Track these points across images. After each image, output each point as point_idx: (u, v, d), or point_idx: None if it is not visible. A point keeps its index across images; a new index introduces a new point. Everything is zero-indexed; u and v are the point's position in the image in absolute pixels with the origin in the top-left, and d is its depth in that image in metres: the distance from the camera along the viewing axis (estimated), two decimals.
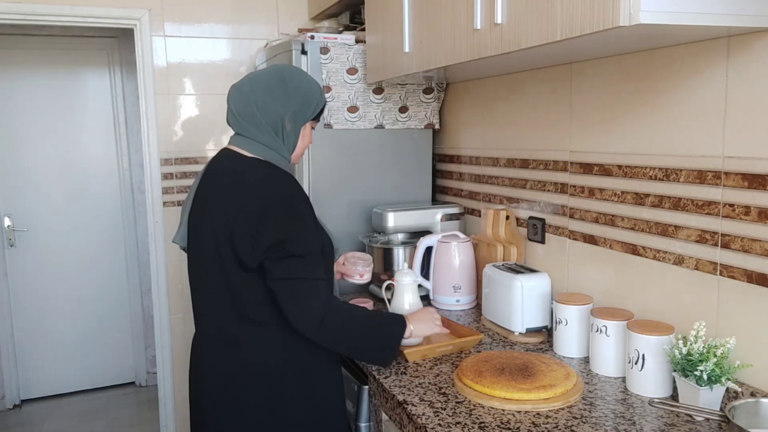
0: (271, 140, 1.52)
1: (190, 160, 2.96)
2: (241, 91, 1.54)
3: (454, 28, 1.69)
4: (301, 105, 1.54)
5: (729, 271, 1.40)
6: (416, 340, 1.71)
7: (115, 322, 4.15)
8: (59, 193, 3.95)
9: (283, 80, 1.53)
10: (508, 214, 2.15)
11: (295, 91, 1.53)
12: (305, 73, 1.61)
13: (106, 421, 3.74)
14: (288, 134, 1.55)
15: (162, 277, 2.99)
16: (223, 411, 1.53)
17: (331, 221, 2.38)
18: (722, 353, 1.30)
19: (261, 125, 1.52)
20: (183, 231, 1.61)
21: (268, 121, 1.51)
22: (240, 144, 1.55)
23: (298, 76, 1.57)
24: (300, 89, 1.54)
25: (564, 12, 1.26)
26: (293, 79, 1.55)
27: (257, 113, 1.51)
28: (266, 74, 1.56)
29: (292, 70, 1.59)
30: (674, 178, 1.52)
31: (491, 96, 2.27)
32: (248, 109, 1.51)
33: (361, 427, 1.73)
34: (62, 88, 3.90)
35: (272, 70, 1.58)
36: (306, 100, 1.55)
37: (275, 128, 1.52)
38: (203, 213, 1.54)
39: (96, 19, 2.77)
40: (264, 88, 1.52)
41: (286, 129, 1.54)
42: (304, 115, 1.56)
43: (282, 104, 1.52)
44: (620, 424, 1.31)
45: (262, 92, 1.52)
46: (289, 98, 1.52)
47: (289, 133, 1.55)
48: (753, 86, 1.32)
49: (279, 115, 1.52)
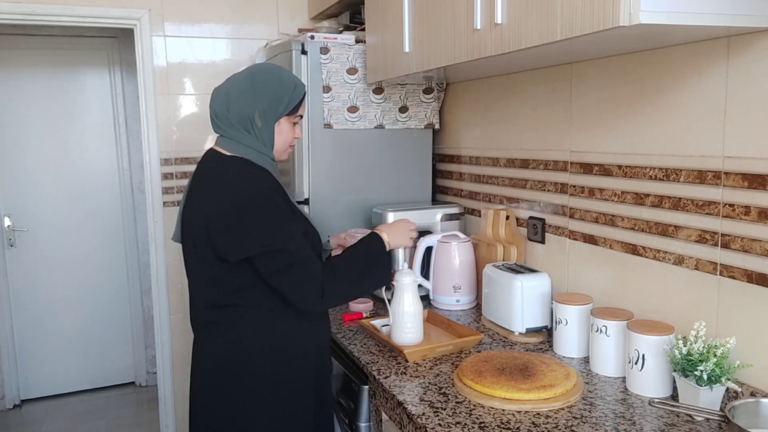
0: (244, 138, 1.58)
1: (190, 160, 2.96)
2: (218, 93, 1.62)
3: (454, 28, 1.69)
4: (271, 102, 1.58)
5: (729, 271, 1.40)
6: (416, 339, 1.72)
7: (115, 322, 4.15)
8: (59, 193, 3.95)
9: (252, 80, 1.59)
10: (508, 214, 2.15)
11: (263, 89, 1.58)
12: (279, 71, 1.65)
13: (106, 421, 3.74)
14: (261, 131, 1.59)
15: (162, 277, 2.98)
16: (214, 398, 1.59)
17: (331, 221, 2.38)
18: (722, 353, 1.30)
19: (232, 125, 1.58)
20: (177, 228, 1.69)
21: (237, 120, 1.58)
22: (221, 144, 1.62)
23: (267, 75, 1.61)
24: (268, 87, 1.59)
25: (564, 12, 1.26)
26: (263, 77, 1.60)
27: (227, 114, 1.58)
28: (240, 75, 1.63)
29: (263, 68, 1.65)
30: (674, 178, 1.52)
31: (491, 96, 2.27)
32: (221, 109, 1.59)
33: (361, 427, 1.73)
34: (62, 88, 3.90)
35: (246, 71, 1.64)
36: (276, 97, 1.59)
37: (245, 126, 1.58)
38: (190, 210, 1.62)
39: (96, 19, 2.77)
40: (236, 89, 1.59)
41: (258, 126, 1.59)
42: (275, 111, 1.60)
43: (249, 103, 1.57)
44: (620, 424, 1.31)
45: (234, 93, 1.59)
46: (256, 97, 1.58)
47: (262, 130, 1.59)
48: (753, 86, 1.32)
49: (247, 113, 1.57)
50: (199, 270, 1.61)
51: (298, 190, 2.36)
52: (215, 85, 1.62)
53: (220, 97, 1.61)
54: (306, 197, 2.36)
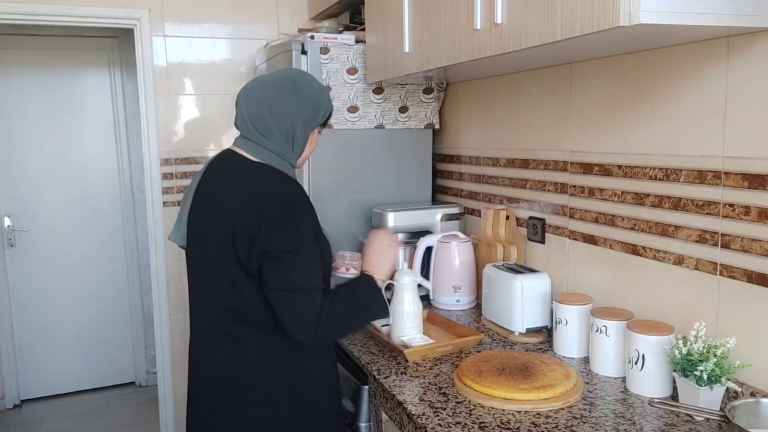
0: (279, 146, 1.52)
1: (190, 160, 2.96)
2: (253, 96, 1.53)
3: (454, 28, 1.69)
4: (312, 111, 1.54)
5: (729, 271, 1.40)
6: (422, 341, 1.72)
7: (115, 322, 4.15)
8: (59, 193, 3.95)
9: (295, 86, 1.53)
10: (508, 214, 2.15)
11: (308, 97, 1.53)
12: (315, 79, 1.62)
13: (106, 421, 3.74)
14: (298, 140, 1.55)
15: (162, 277, 2.99)
16: (220, 411, 1.53)
17: (331, 221, 2.38)
18: (722, 353, 1.30)
19: (272, 131, 1.51)
20: (183, 230, 1.61)
21: (281, 127, 1.51)
22: (245, 147, 1.54)
23: (309, 82, 1.57)
24: (312, 95, 1.54)
25: (564, 12, 1.26)
26: (305, 84, 1.55)
27: (270, 119, 1.51)
28: (278, 79, 1.55)
29: (304, 75, 1.59)
30: (674, 178, 1.52)
31: (491, 96, 2.27)
32: (261, 115, 1.51)
33: (361, 427, 1.73)
34: (62, 88, 3.90)
35: (284, 75, 1.57)
36: (317, 106, 1.55)
37: (286, 135, 1.52)
38: (206, 213, 1.54)
39: (96, 19, 2.77)
40: (277, 94, 1.52)
41: (297, 135, 1.54)
42: (314, 121, 1.56)
43: (294, 110, 1.52)
44: (620, 424, 1.31)
45: (275, 98, 1.51)
46: (301, 104, 1.52)
47: (299, 139, 1.55)
48: (753, 86, 1.32)
49: (291, 121, 1.52)
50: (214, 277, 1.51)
51: None
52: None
53: (257, 101, 1.52)
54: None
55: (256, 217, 1.41)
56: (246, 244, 1.42)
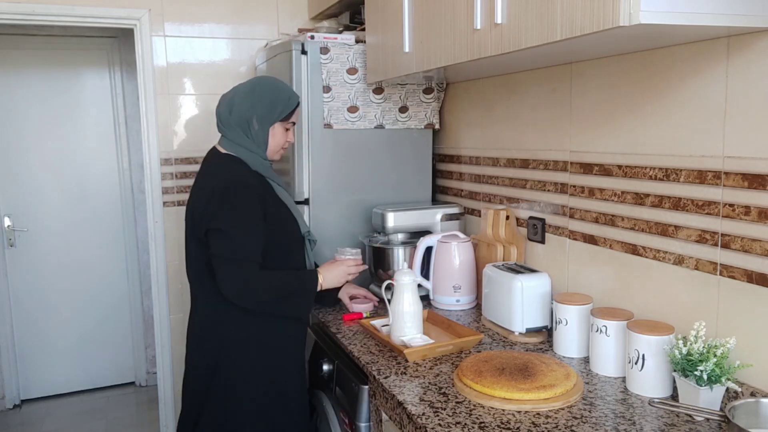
0: (241, 139, 1.83)
1: (190, 160, 2.96)
2: (224, 98, 1.87)
3: (454, 28, 1.69)
4: (267, 108, 1.83)
5: (729, 271, 1.40)
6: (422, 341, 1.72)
7: (115, 322, 4.15)
8: (59, 193, 3.95)
9: (252, 88, 1.85)
10: (508, 214, 2.15)
11: (262, 97, 1.83)
12: (277, 83, 1.90)
13: (106, 421, 3.74)
14: (257, 133, 1.83)
15: (162, 277, 2.99)
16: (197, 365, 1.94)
17: (331, 221, 2.38)
18: (722, 353, 1.30)
19: (232, 126, 1.83)
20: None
21: (238, 122, 1.82)
22: (221, 143, 1.88)
23: (269, 84, 1.87)
24: (266, 95, 1.83)
25: (564, 12, 1.26)
26: (261, 87, 1.85)
27: (229, 117, 1.83)
28: (244, 84, 1.88)
29: (264, 79, 1.91)
30: (674, 178, 1.52)
31: (491, 96, 2.27)
32: (224, 113, 1.85)
33: (361, 427, 1.73)
34: (62, 88, 3.90)
35: (250, 80, 1.90)
36: (272, 103, 1.83)
37: (244, 129, 1.83)
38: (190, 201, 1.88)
39: (96, 19, 2.77)
40: (240, 95, 1.84)
41: (255, 129, 1.83)
42: (270, 116, 1.84)
43: (248, 108, 1.82)
44: (620, 424, 1.31)
45: (237, 99, 1.83)
46: (255, 102, 1.82)
47: (258, 133, 1.83)
48: (753, 86, 1.32)
49: (246, 117, 1.82)
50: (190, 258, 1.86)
51: (298, 190, 2.36)
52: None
53: (225, 101, 1.86)
54: (306, 197, 2.36)
55: (206, 196, 1.75)
56: (199, 220, 1.76)
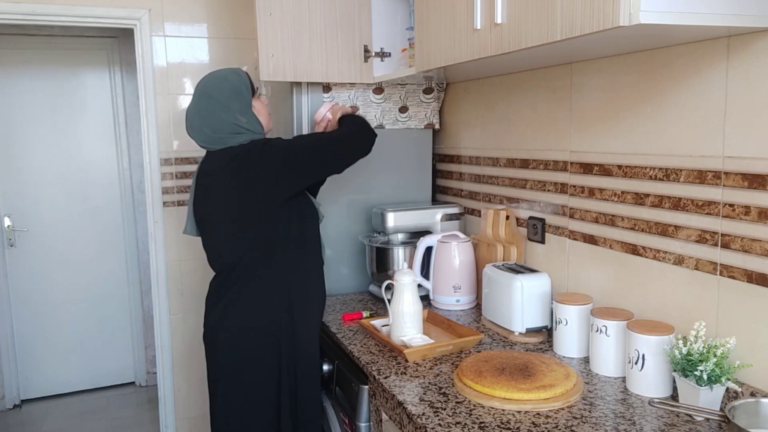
0: (242, 137, 1.77)
1: (190, 160, 2.96)
2: (190, 126, 1.80)
3: (454, 28, 1.69)
4: (236, 100, 1.77)
5: (729, 271, 1.40)
6: (422, 341, 1.72)
7: (115, 322, 4.15)
8: (59, 193, 3.95)
9: (208, 95, 1.76)
10: (508, 214, 2.15)
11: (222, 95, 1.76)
12: (216, 73, 1.83)
13: (106, 421, 3.74)
14: (248, 123, 1.78)
15: (162, 277, 2.98)
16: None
17: (331, 221, 2.38)
18: (722, 353, 1.30)
19: (225, 136, 1.76)
20: (191, 223, 1.91)
21: (228, 130, 1.76)
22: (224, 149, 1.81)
23: (215, 83, 1.78)
24: (224, 90, 1.76)
25: (564, 12, 1.26)
26: (214, 87, 1.77)
27: (213, 134, 1.76)
28: (193, 102, 1.79)
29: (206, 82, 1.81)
30: (674, 178, 1.52)
31: (491, 96, 2.27)
32: (204, 136, 1.78)
33: (361, 427, 1.73)
34: (62, 88, 3.90)
35: (196, 94, 1.80)
36: (236, 92, 1.78)
37: (236, 130, 1.76)
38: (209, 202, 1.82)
39: (96, 19, 2.77)
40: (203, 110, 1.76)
41: (243, 122, 1.77)
42: (245, 102, 1.79)
43: (224, 113, 1.75)
44: (620, 424, 1.31)
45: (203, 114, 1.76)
46: (224, 104, 1.76)
47: (249, 121, 1.79)
48: (753, 86, 1.32)
49: (230, 121, 1.76)
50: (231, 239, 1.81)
51: None
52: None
53: (194, 129, 1.79)
54: None
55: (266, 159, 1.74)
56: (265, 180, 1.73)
